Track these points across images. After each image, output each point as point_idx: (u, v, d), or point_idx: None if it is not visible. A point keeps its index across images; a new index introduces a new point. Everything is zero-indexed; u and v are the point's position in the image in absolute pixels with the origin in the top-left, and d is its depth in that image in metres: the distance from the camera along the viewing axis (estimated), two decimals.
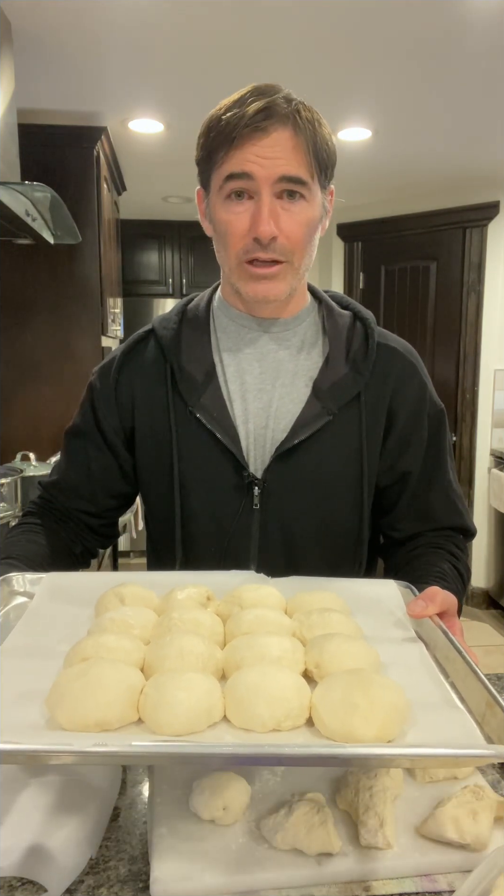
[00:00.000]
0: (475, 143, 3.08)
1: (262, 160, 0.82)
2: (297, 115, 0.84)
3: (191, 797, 0.79)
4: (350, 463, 0.92)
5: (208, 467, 0.93)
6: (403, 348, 0.97)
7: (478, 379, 3.96)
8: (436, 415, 0.97)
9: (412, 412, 0.94)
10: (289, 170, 0.83)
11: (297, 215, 0.85)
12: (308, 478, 0.92)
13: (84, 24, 1.97)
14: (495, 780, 0.87)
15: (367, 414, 0.92)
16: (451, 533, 1.01)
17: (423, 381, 0.96)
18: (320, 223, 0.90)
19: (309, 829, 0.72)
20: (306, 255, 0.88)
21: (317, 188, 0.87)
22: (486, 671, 1.19)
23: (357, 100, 2.57)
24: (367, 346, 0.93)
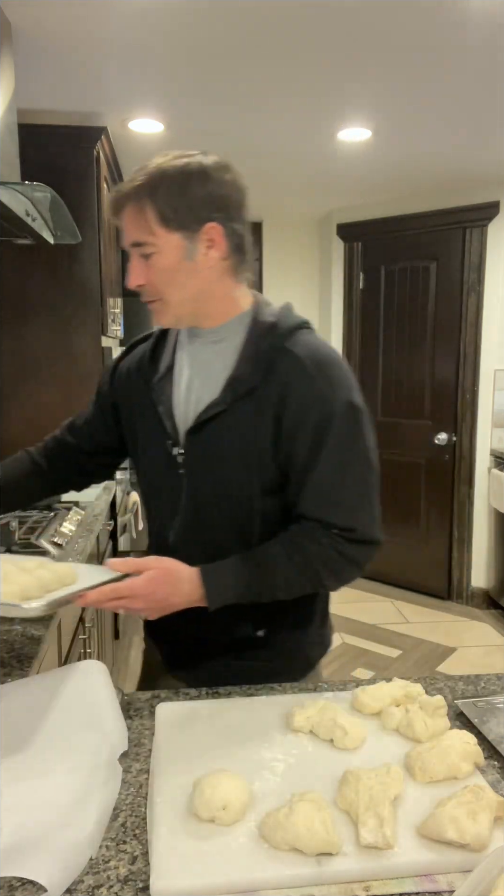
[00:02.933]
0: (475, 143, 3.08)
1: (123, 234, 1.09)
2: (136, 191, 1.05)
3: (191, 797, 0.79)
4: (243, 445, 1.09)
5: (153, 435, 1.19)
6: (307, 354, 1.09)
7: (478, 379, 3.96)
8: (326, 415, 1.07)
9: (297, 410, 1.07)
10: (132, 237, 1.07)
11: (152, 266, 1.07)
12: (211, 454, 1.12)
13: (84, 24, 1.97)
14: (495, 780, 0.87)
15: (260, 406, 1.08)
16: (317, 525, 1.09)
17: (315, 385, 1.07)
18: (188, 261, 1.07)
19: (309, 829, 0.72)
20: (176, 292, 1.09)
21: (167, 239, 1.05)
22: (486, 671, 1.19)
23: (357, 100, 2.57)
24: (270, 352, 1.09)
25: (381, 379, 4.35)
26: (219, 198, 1.06)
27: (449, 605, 4.12)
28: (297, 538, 1.09)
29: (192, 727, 0.97)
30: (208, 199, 1.06)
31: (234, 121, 2.77)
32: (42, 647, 1.28)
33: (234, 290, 1.14)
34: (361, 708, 1.01)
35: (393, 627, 3.82)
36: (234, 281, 1.13)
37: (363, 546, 1.10)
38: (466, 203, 3.85)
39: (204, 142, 3.01)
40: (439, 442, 4.12)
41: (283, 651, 1.21)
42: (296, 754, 0.91)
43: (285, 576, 1.08)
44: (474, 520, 4.05)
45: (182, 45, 2.11)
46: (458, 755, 0.86)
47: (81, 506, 2.42)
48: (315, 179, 3.65)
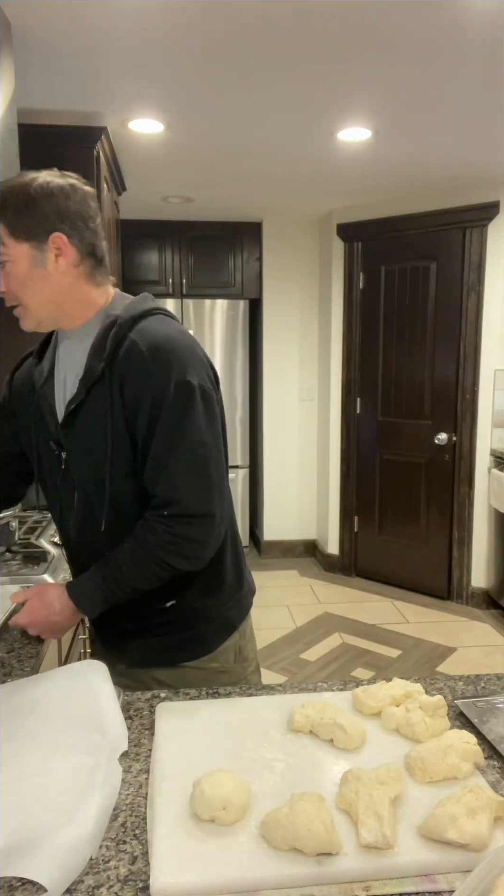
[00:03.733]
0: (475, 143, 3.08)
1: None
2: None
3: (191, 797, 0.79)
4: (101, 432, 1.17)
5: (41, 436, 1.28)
6: (142, 338, 1.16)
7: (478, 379, 3.96)
8: (159, 396, 1.13)
9: (135, 393, 1.14)
10: None
11: (8, 275, 1.16)
12: (79, 445, 1.20)
13: (84, 24, 1.97)
14: (495, 780, 0.87)
15: (108, 393, 1.16)
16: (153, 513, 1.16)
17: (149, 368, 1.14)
18: (39, 268, 1.16)
19: (309, 829, 0.72)
20: (33, 297, 1.17)
21: (16, 249, 1.14)
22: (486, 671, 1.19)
23: (357, 100, 2.57)
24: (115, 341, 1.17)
25: (381, 379, 4.35)
26: (62, 211, 1.15)
27: (449, 605, 4.12)
28: (138, 532, 1.17)
29: (192, 727, 0.97)
30: (52, 213, 1.15)
31: (234, 121, 2.77)
32: (42, 647, 1.28)
33: (92, 291, 1.22)
34: (361, 708, 1.01)
35: (393, 627, 3.82)
36: (91, 284, 1.21)
37: (196, 520, 1.15)
38: (466, 203, 3.85)
39: (204, 142, 3.02)
40: (439, 442, 4.12)
41: (200, 617, 1.27)
42: (296, 754, 0.91)
43: (137, 571, 1.16)
44: (474, 520, 4.05)
45: (182, 45, 2.11)
46: (458, 755, 0.86)
47: None
48: (315, 179, 3.65)
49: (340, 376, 4.51)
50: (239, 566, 1.35)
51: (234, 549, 1.33)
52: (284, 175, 3.55)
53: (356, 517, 4.56)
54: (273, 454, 4.93)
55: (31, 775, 0.83)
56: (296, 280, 4.76)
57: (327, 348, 4.58)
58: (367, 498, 4.50)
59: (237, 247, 4.70)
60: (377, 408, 4.39)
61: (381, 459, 4.42)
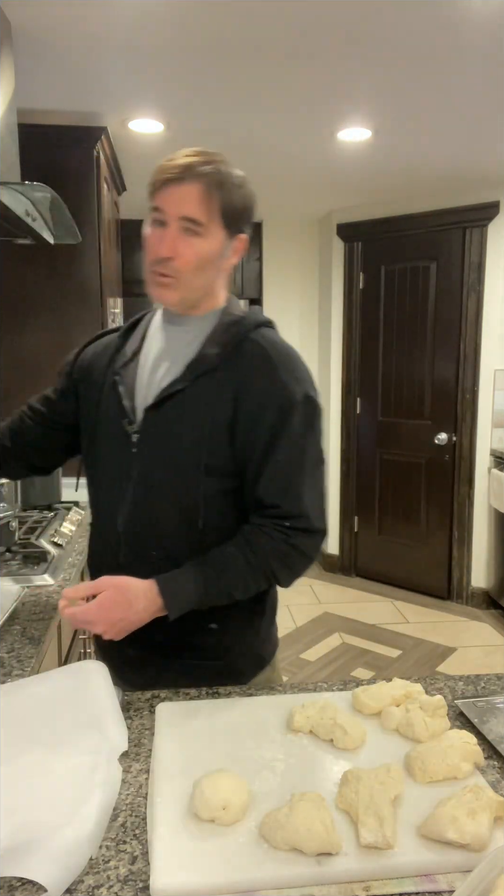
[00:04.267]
0: (475, 143, 3.08)
1: (173, 202, 1.10)
2: (210, 176, 1.09)
3: (191, 797, 0.79)
4: (196, 422, 1.13)
5: (110, 414, 1.21)
6: (271, 345, 1.16)
7: (478, 379, 3.96)
8: (287, 404, 1.11)
9: (259, 396, 1.11)
10: (190, 212, 1.09)
11: (192, 246, 1.10)
12: (165, 431, 1.15)
13: (84, 24, 1.97)
14: (495, 780, 0.87)
15: (219, 387, 1.12)
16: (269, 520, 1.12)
17: (278, 374, 1.12)
18: (219, 258, 1.15)
19: (309, 829, 0.72)
20: (198, 276, 1.13)
21: (216, 231, 1.11)
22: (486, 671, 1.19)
23: (357, 100, 2.57)
24: (235, 337, 1.15)
25: (381, 379, 4.35)
26: (252, 213, 1.17)
27: (449, 605, 4.12)
28: (251, 536, 1.12)
29: (192, 727, 0.97)
30: (250, 213, 1.16)
31: (234, 121, 2.77)
32: (42, 647, 1.28)
33: (223, 290, 1.23)
34: (361, 708, 1.01)
35: (393, 627, 3.81)
36: (225, 284, 1.23)
37: (312, 536, 1.13)
38: (466, 203, 3.85)
39: (204, 142, 3.01)
40: (439, 442, 4.12)
41: (235, 647, 1.22)
42: (296, 754, 0.91)
43: (242, 577, 1.11)
44: (474, 520, 4.05)
45: (182, 45, 2.11)
46: (458, 755, 0.86)
47: (81, 506, 2.42)
48: (315, 179, 3.65)
49: (340, 376, 4.51)
50: (276, 602, 1.31)
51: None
52: (284, 175, 3.55)
53: (356, 517, 4.56)
54: None
55: (31, 775, 0.83)
56: (296, 280, 4.76)
57: (327, 348, 4.58)
58: (367, 498, 4.49)
59: None
60: (377, 408, 4.39)
61: (381, 459, 4.42)
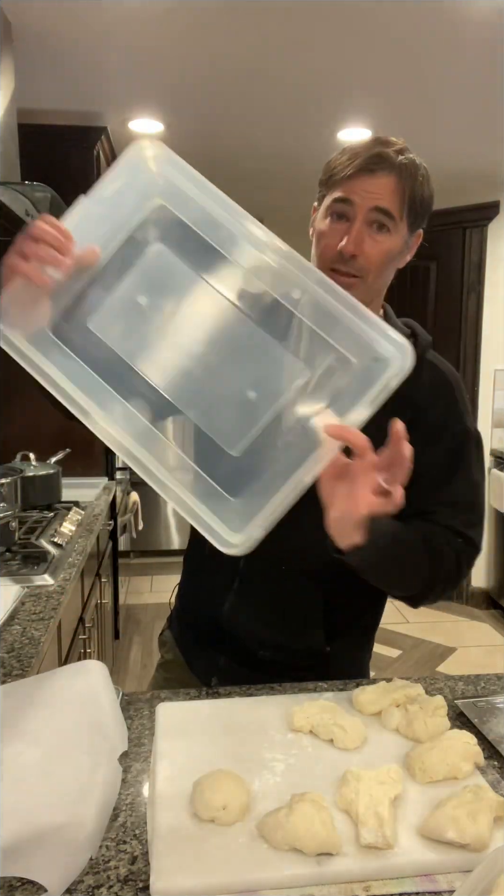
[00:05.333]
0: (475, 143, 3.08)
1: (365, 193, 1.00)
2: (404, 167, 1.01)
3: (191, 797, 0.79)
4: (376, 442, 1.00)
5: None
6: (450, 372, 1.13)
7: (478, 379, 3.96)
8: (463, 434, 1.09)
9: (438, 422, 1.06)
10: (385, 203, 1.00)
11: (380, 243, 1.01)
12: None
13: (84, 24, 1.97)
14: (495, 780, 0.87)
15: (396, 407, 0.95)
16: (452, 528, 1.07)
17: (457, 402, 1.09)
18: (400, 256, 1.07)
19: (309, 829, 0.72)
20: (380, 277, 1.05)
21: (403, 227, 1.04)
22: (486, 671, 1.19)
23: (357, 100, 2.57)
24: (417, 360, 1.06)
25: None
26: (431, 208, 1.10)
27: (449, 605, 4.12)
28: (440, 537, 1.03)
29: (192, 727, 0.97)
30: (431, 208, 1.09)
31: (234, 121, 2.77)
32: (42, 647, 1.28)
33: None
34: (361, 708, 1.01)
35: (393, 627, 3.81)
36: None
37: (468, 569, 1.09)
38: (466, 203, 3.85)
39: (204, 142, 3.02)
40: None
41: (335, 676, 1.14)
42: (296, 754, 0.91)
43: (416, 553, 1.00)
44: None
45: (182, 45, 2.11)
46: (458, 755, 0.86)
47: (81, 506, 2.42)
48: (315, 179, 3.64)
49: None
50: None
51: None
52: (284, 175, 3.55)
53: None
54: None
55: (32, 775, 0.83)
56: None
57: None
58: None
59: None
60: None
61: None
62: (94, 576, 2.39)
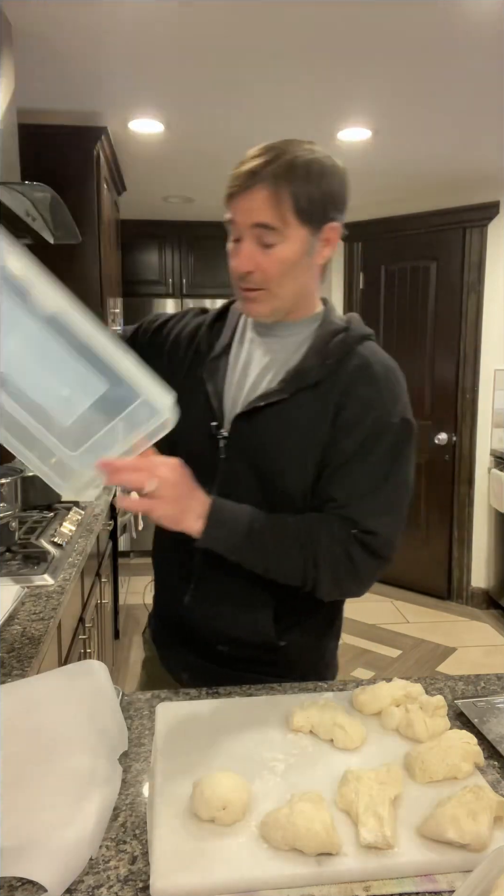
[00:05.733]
0: (475, 143, 3.08)
1: (244, 211, 1.02)
2: (279, 175, 1.00)
3: (191, 797, 0.79)
4: (299, 440, 1.06)
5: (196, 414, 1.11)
6: (376, 361, 1.10)
7: (478, 379, 3.96)
8: (384, 422, 1.05)
9: (357, 410, 1.05)
10: (260, 218, 1.01)
11: (272, 255, 1.02)
12: (258, 443, 1.08)
13: (84, 24, 1.97)
14: (495, 780, 0.87)
15: (321, 401, 1.06)
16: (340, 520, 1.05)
17: (380, 391, 1.07)
18: (306, 257, 1.05)
19: (309, 829, 0.72)
20: (286, 284, 1.05)
21: (298, 230, 1.02)
22: (486, 671, 1.20)
23: (357, 100, 2.57)
24: (340, 350, 1.09)
25: None
26: (340, 196, 1.07)
27: (449, 605, 4.12)
28: (316, 525, 1.04)
29: (192, 727, 0.97)
30: (336, 197, 1.06)
31: (234, 121, 2.77)
32: (42, 647, 1.28)
33: (317, 290, 1.13)
34: (361, 708, 1.01)
35: (393, 627, 3.81)
36: (319, 280, 1.12)
37: (375, 559, 1.05)
38: (466, 203, 3.85)
39: (204, 142, 3.02)
40: (439, 442, 4.12)
41: (297, 667, 1.17)
42: (296, 754, 0.91)
43: (285, 553, 1.02)
44: (474, 520, 4.06)
45: (182, 45, 2.11)
46: (458, 755, 0.86)
47: (81, 506, 2.42)
48: None
49: None
50: (341, 622, 1.27)
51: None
52: None
53: None
54: None
55: (32, 775, 0.83)
56: None
57: None
58: None
59: None
60: None
61: None
62: (94, 576, 2.39)
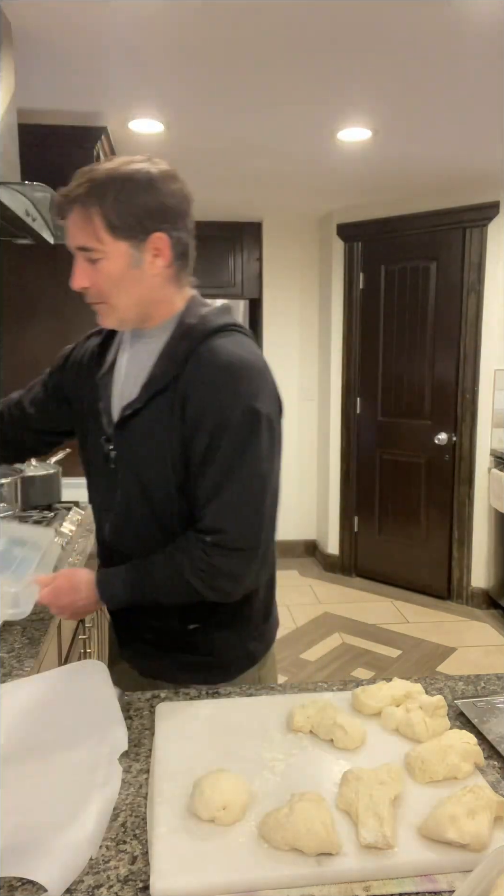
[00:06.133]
0: (475, 143, 3.08)
1: (68, 238, 1.12)
2: (83, 198, 1.07)
3: (191, 797, 0.79)
4: (160, 443, 1.13)
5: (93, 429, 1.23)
6: (213, 359, 1.10)
7: (478, 379, 3.96)
8: (223, 421, 1.07)
9: (196, 413, 1.09)
10: (78, 241, 1.10)
11: (99, 272, 1.10)
12: (133, 451, 1.16)
13: (84, 24, 1.97)
14: (495, 780, 0.87)
15: (172, 405, 1.11)
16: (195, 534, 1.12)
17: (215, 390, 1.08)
18: (133, 268, 1.10)
19: (309, 829, 0.72)
20: (122, 296, 1.12)
21: (114, 246, 1.08)
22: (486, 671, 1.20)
23: (357, 100, 2.56)
24: (186, 350, 1.12)
25: (381, 379, 4.35)
26: (165, 207, 1.09)
27: (449, 605, 4.12)
28: (175, 550, 1.12)
29: (192, 727, 0.97)
30: (155, 209, 1.08)
31: (234, 121, 2.77)
32: (42, 647, 1.28)
33: (175, 294, 1.17)
34: (361, 708, 1.01)
35: (393, 627, 3.82)
36: (175, 286, 1.16)
37: (235, 554, 1.10)
38: (466, 203, 3.85)
39: (204, 142, 3.02)
40: (439, 442, 4.12)
41: (221, 646, 1.23)
42: (296, 754, 0.91)
43: (164, 588, 1.13)
44: (474, 520, 4.05)
45: (182, 45, 2.11)
46: (458, 755, 0.86)
47: (81, 506, 2.42)
48: (315, 179, 3.65)
49: (340, 376, 4.51)
50: (269, 605, 1.30)
51: (269, 587, 1.29)
52: (284, 175, 3.55)
53: (356, 517, 4.56)
54: None
55: (32, 775, 0.83)
56: (296, 280, 4.76)
57: (327, 348, 4.58)
58: (367, 498, 4.49)
59: (237, 247, 4.70)
60: (377, 408, 4.39)
61: (381, 459, 4.42)
62: None
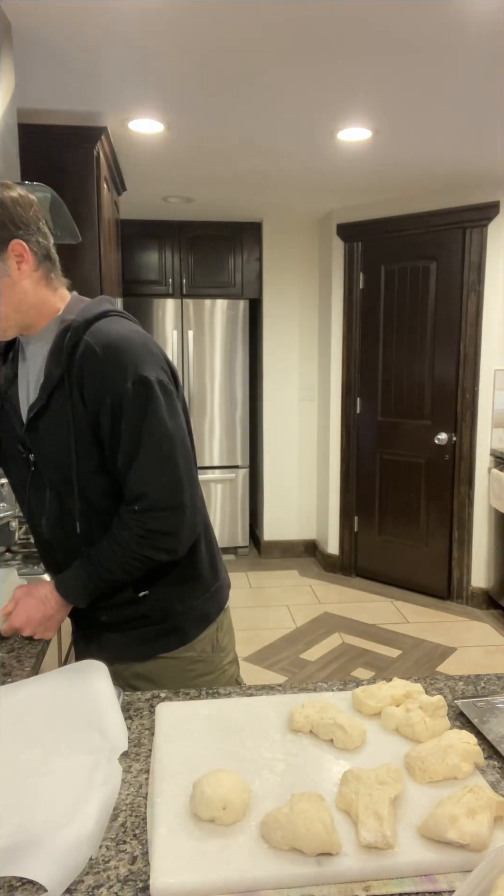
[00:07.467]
0: (475, 143, 3.08)
1: None
2: None
3: (191, 797, 0.79)
4: (65, 435, 1.18)
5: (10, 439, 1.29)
6: (97, 340, 1.16)
7: (478, 379, 3.96)
8: (118, 396, 1.14)
9: (95, 395, 1.15)
10: None
11: None
12: (45, 449, 1.22)
13: (84, 24, 1.97)
14: (495, 780, 0.87)
15: (69, 396, 1.17)
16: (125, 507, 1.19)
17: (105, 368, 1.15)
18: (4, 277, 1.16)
19: (309, 829, 0.72)
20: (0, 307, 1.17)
21: None
22: (486, 671, 1.20)
23: (357, 100, 2.57)
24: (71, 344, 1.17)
25: (381, 379, 4.35)
26: (14, 216, 1.16)
27: (449, 605, 4.12)
28: (114, 529, 1.19)
29: (192, 727, 0.97)
30: (8, 222, 1.15)
31: (234, 121, 2.77)
32: (42, 647, 1.28)
33: (50, 296, 1.23)
34: (361, 708, 1.01)
35: (393, 627, 3.82)
36: (48, 288, 1.23)
37: (165, 513, 1.17)
38: (466, 203, 3.85)
39: (204, 142, 3.02)
40: (439, 442, 4.12)
41: (174, 609, 1.28)
42: (296, 754, 0.91)
43: (116, 566, 1.19)
44: (474, 520, 4.05)
45: (182, 45, 2.11)
46: (458, 755, 0.86)
47: None
48: (315, 179, 3.65)
49: (340, 376, 4.51)
50: (213, 559, 1.36)
51: (208, 542, 1.35)
52: (284, 175, 3.55)
53: (356, 517, 4.56)
54: (273, 454, 4.93)
55: (31, 775, 0.83)
56: (296, 280, 4.76)
57: (327, 348, 4.58)
58: (367, 498, 4.50)
59: (237, 247, 4.70)
60: (377, 408, 4.39)
61: (381, 459, 4.42)
62: None
